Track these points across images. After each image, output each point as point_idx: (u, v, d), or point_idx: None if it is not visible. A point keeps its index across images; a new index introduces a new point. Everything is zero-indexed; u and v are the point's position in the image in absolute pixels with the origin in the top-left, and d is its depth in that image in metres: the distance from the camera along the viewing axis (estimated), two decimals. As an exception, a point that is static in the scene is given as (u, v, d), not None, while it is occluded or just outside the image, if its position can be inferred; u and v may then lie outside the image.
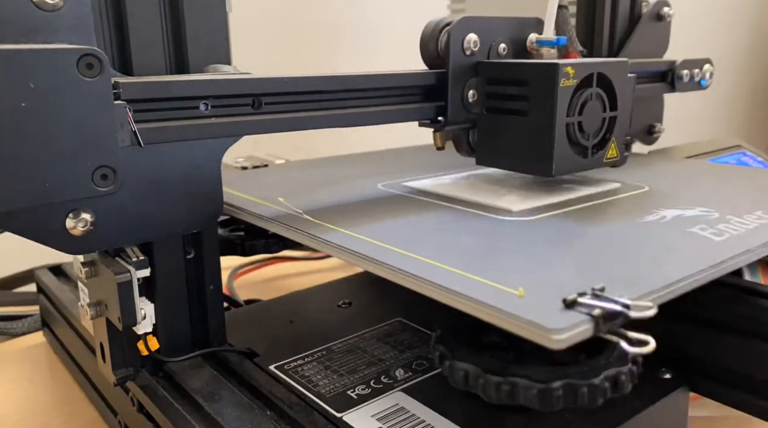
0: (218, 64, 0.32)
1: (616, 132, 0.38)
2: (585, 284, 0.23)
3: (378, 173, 0.45)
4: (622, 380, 0.24)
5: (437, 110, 0.38)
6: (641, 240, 0.30)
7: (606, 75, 0.36)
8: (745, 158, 0.60)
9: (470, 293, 0.23)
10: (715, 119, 1.43)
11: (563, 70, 0.34)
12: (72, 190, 0.26)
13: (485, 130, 0.38)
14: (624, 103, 0.38)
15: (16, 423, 0.40)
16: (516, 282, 0.23)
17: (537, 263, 0.27)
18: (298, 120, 0.33)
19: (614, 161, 0.39)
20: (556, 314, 0.21)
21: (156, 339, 0.33)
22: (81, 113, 0.25)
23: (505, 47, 0.38)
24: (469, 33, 0.37)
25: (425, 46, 0.38)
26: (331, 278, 0.49)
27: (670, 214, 0.34)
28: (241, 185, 0.42)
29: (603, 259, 0.27)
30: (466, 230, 0.32)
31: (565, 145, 0.35)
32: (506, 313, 0.21)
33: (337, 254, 0.29)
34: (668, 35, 0.56)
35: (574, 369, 0.24)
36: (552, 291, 0.23)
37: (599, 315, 0.21)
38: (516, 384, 0.23)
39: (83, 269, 0.32)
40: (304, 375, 0.33)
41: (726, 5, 1.38)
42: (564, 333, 0.20)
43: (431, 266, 0.26)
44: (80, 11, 0.26)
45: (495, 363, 0.24)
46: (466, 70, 0.37)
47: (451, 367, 0.25)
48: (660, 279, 0.24)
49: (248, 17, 0.74)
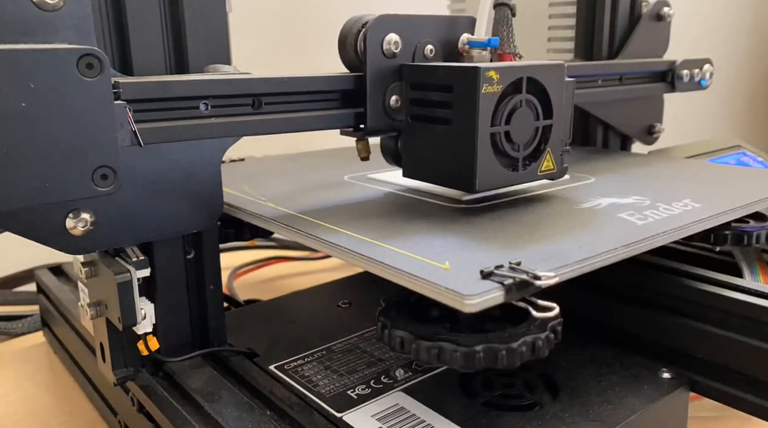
0: (218, 64, 0.32)
1: (552, 142, 0.34)
2: (507, 260, 0.25)
3: (345, 167, 0.46)
4: (539, 345, 0.26)
5: (357, 117, 0.35)
6: (570, 224, 0.31)
7: (538, 80, 0.33)
8: (745, 158, 0.60)
9: (403, 267, 0.25)
10: (715, 119, 1.43)
11: (485, 75, 0.31)
12: (72, 190, 0.26)
13: (410, 139, 0.35)
14: (561, 111, 0.34)
15: (16, 423, 0.40)
16: (446, 259, 0.26)
17: (470, 243, 0.29)
18: (299, 120, 0.33)
19: (550, 174, 0.35)
20: (472, 283, 0.23)
21: (156, 339, 0.33)
22: (81, 112, 0.25)
23: (432, 49, 0.35)
24: (389, 33, 0.34)
25: (343, 46, 0.35)
26: (331, 278, 0.49)
27: (606, 201, 0.35)
28: None
29: (530, 239, 0.29)
30: (416, 215, 0.33)
31: (490, 157, 0.32)
32: (429, 282, 0.24)
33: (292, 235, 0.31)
34: (668, 35, 0.56)
35: (496, 335, 0.26)
36: (475, 266, 0.25)
37: (510, 284, 0.23)
38: (443, 348, 0.25)
39: (83, 269, 0.32)
40: (304, 375, 0.33)
41: (726, 5, 1.38)
42: (476, 298, 0.22)
43: (377, 246, 0.28)
44: (80, 11, 0.26)
45: (427, 330, 0.26)
46: (387, 73, 0.34)
47: (389, 335, 0.27)
48: (574, 256, 0.26)
49: (248, 17, 0.74)
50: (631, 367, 0.33)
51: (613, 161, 0.49)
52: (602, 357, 0.34)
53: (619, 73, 0.51)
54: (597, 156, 0.51)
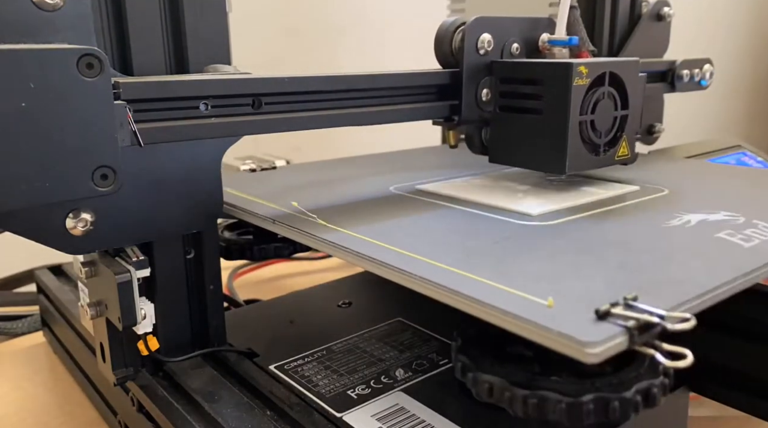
0: (218, 64, 0.32)
1: (627, 130, 0.38)
2: (615, 293, 0.22)
3: (387, 175, 0.45)
4: (654, 393, 0.23)
5: (451, 109, 0.38)
6: (668, 246, 0.29)
7: (618, 74, 0.37)
8: (745, 158, 0.60)
9: (498, 304, 0.22)
10: (715, 119, 1.43)
11: (577, 70, 0.34)
12: (72, 190, 0.26)
13: (498, 128, 0.39)
14: (635, 102, 0.38)
15: (16, 423, 0.40)
16: (543, 291, 0.23)
17: (563, 271, 0.26)
18: (298, 120, 0.33)
19: (625, 159, 0.39)
20: (589, 326, 0.20)
21: (156, 339, 0.33)
22: (81, 112, 0.25)
23: (518, 47, 0.39)
24: (483, 33, 0.37)
25: (439, 45, 0.38)
26: (331, 278, 0.49)
27: (694, 218, 0.33)
28: (251, 188, 0.40)
29: (631, 266, 0.26)
30: (487, 235, 0.30)
31: (578, 143, 0.36)
32: (536, 325, 0.21)
33: (360, 263, 0.28)
34: (668, 35, 0.56)
35: (603, 381, 0.23)
36: (582, 301, 0.22)
37: (634, 327, 0.20)
38: (544, 397, 0.22)
39: (83, 269, 0.32)
40: (304, 375, 0.33)
41: (726, 5, 1.38)
42: (598, 347, 0.19)
43: (455, 275, 0.25)
44: (80, 11, 0.26)
45: (521, 375, 0.23)
46: (480, 69, 0.38)
47: (474, 379, 0.24)
48: (693, 288, 0.23)
49: (248, 17, 0.74)
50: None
51: (663, 166, 0.47)
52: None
53: (619, 73, 0.51)
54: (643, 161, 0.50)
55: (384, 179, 0.43)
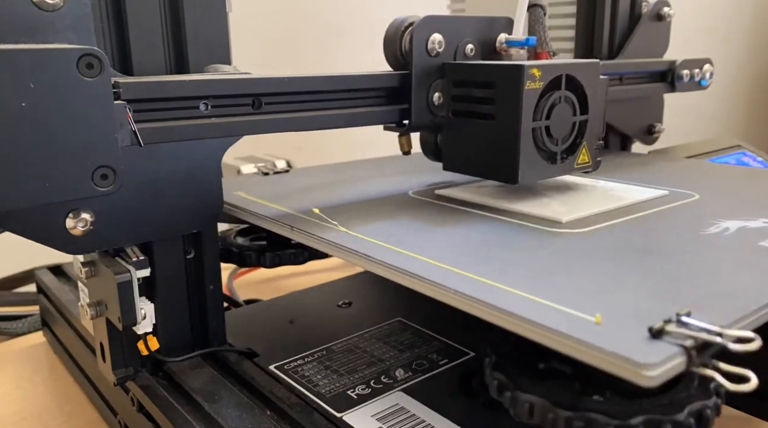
0: (218, 64, 0.32)
1: (587, 137, 0.36)
2: (665, 308, 0.21)
3: (401, 180, 0.43)
4: (707, 415, 0.21)
5: (401, 113, 0.36)
6: (711, 256, 0.27)
7: (575, 77, 0.35)
8: (745, 158, 0.60)
9: (543, 321, 0.21)
10: (715, 119, 1.43)
11: (528, 72, 0.32)
12: (72, 190, 0.26)
13: (451, 134, 0.37)
14: (595, 107, 0.36)
15: (16, 423, 0.40)
16: (587, 306, 0.22)
17: (605, 283, 0.24)
18: (298, 120, 0.33)
19: (585, 167, 0.37)
20: (644, 346, 0.19)
21: (156, 339, 0.33)
22: (81, 112, 0.25)
23: (472, 48, 0.37)
24: (434, 33, 0.35)
25: (388, 46, 0.36)
26: (331, 278, 0.49)
27: (732, 226, 0.31)
28: (264, 193, 0.40)
29: (676, 278, 0.25)
30: (518, 245, 0.29)
31: (531, 151, 0.34)
32: (587, 344, 0.19)
33: (387, 273, 0.27)
34: (668, 35, 0.56)
35: (653, 402, 0.21)
36: (631, 317, 0.21)
37: (692, 347, 0.19)
38: (592, 420, 0.21)
39: (83, 269, 0.32)
40: (304, 375, 0.33)
41: (725, 5, 1.38)
42: (657, 369, 0.18)
43: (492, 288, 0.24)
44: (80, 11, 0.26)
45: (564, 395, 0.22)
46: (431, 71, 0.36)
47: (513, 399, 0.23)
48: (748, 302, 0.22)
49: (248, 17, 0.74)
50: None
51: (683, 168, 0.46)
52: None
53: (619, 73, 0.51)
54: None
55: (399, 185, 0.42)
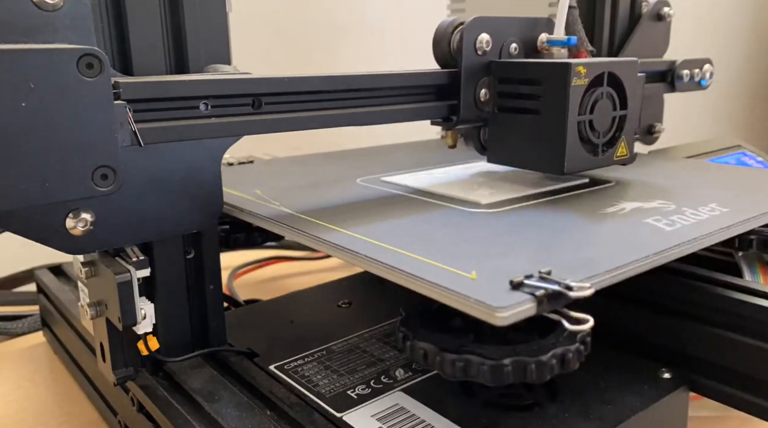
0: (218, 64, 0.32)
1: (626, 130, 0.39)
2: (535, 268, 0.24)
3: (359, 169, 0.46)
4: (569, 358, 0.25)
5: (449, 109, 0.38)
6: (596, 230, 0.31)
7: (616, 74, 0.37)
8: (745, 158, 0.60)
9: (428, 277, 0.24)
10: (715, 119, 1.43)
11: (575, 70, 0.34)
12: (72, 190, 0.26)
13: (497, 128, 0.39)
14: (634, 102, 0.38)
15: (16, 423, 0.40)
16: (472, 267, 0.25)
17: (494, 250, 0.28)
18: (298, 120, 0.33)
19: (624, 159, 0.39)
20: (502, 294, 0.23)
21: (156, 339, 0.33)
22: (81, 112, 0.25)
23: (516, 47, 0.39)
24: (482, 33, 0.37)
25: (438, 45, 0.39)
26: (331, 278, 0.49)
27: (630, 206, 0.35)
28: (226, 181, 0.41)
29: (556, 247, 0.28)
30: (436, 221, 0.33)
31: (576, 143, 0.36)
32: (457, 293, 0.23)
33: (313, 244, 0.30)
34: (668, 35, 0.56)
35: (524, 347, 0.25)
36: (502, 275, 0.24)
37: (542, 295, 0.22)
38: (469, 361, 0.25)
39: (83, 269, 0.32)
40: (304, 375, 0.33)
41: (726, 5, 1.38)
42: (507, 311, 0.22)
43: (399, 255, 0.27)
44: (80, 11, 0.26)
45: (451, 342, 0.26)
46: (478, 69, 0.38)
47: (411, 346, 0.26)
48: (605, 264, 0.25)
49: (248, 17, 0.74)
50: (631, 367, 0.33)
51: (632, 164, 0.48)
52: (602, 357, 0.34)
53: (619, 73, 0.51)
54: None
55: (353, 173, 0.45)
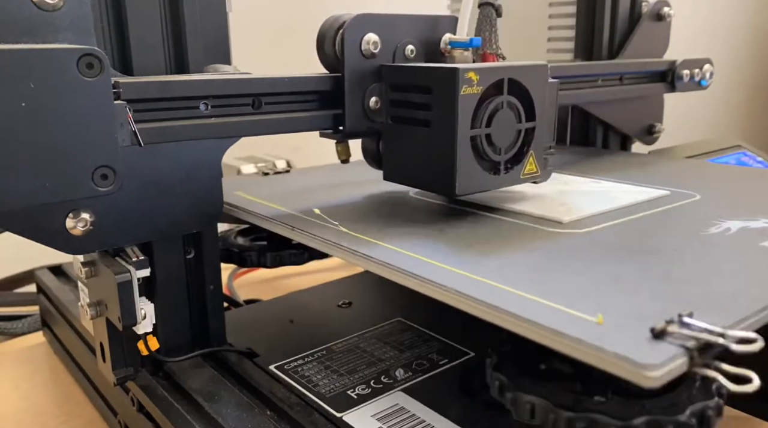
0: (218, 64, 0.32)
1: (535, 145, 0.34)
2: (666, 308, 0.21)
3: None
4: (709, 415, 0.21)
5: (335, 119, 0.34)
6: (712, 256, 0.27)
7: (519, 81, 0.32)
8: (745, 158, 0.60)
9: (544, 322, 0.21)
10: (715, 119, 1.43)
11: (464, 76, 0.30)
12: (72, 190, 0.26)
13: (390, 141, 0.34)
14: (544, 112, 0.34)
15: (16, 423, 0.40)
16: (588, 306, 0.22)
17: (605, 283, 0.24)
18: (299, 120, 0.33)
19: (533, 177, 0.34)
20: (646, 347, 0.19)
21: (156, 339, 0.33)
22: (81, 112, 0.25)
23: (413, 49, 0.34)
24: (368, 33, 0.33)
25: (321, 46, 0.34)
26: (331, 278, 0.49)
27: (734, 226, 0.31)
28: (264, 193, 0.40)
29: (677, 278, 0.25)
30: (520, 245, 0.29)
31: (470, 160, 0.31)
32: (589, 345, 0.19)
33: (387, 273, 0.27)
34: (668, 35, 0.56)
35: (655, 403, 0.21)
36: (633, 318, 0.21)
37: (694, 347, 0.19)
38: (595, 421, 0.21)
39: (83, 269, 0.32)
40: (304, 375, 0.33)
41: (726, 5, 1.38)
42: (659, 370, 0.18)
43: (492, 288, 0.24)
44: (80, 11, 0.26)
45: (565, 396, 0.22)
46: (366, 74, 0.34)
47: (514, 399, 0.23)
48: (750, 302, 0.22)
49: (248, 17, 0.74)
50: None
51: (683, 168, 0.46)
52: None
53: (619, 73, 0.51)
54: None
55: None
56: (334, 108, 0.34)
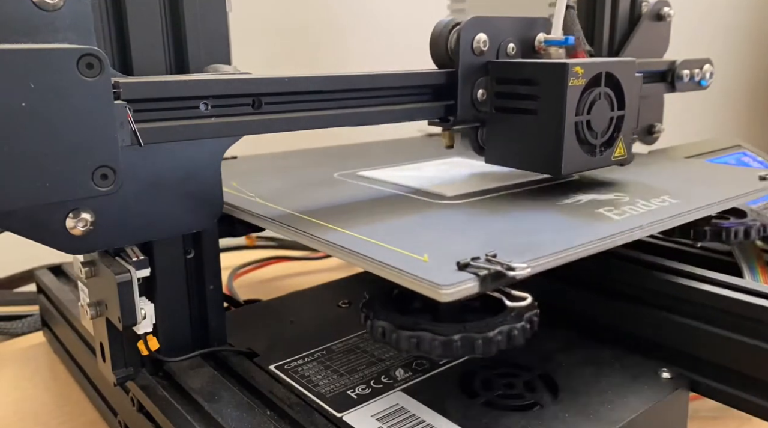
0: (218, 64, 0.32)
1: (624, 131, 0.38)
2: (484, 252, 0.25)
3: (338, 164, 0.47)
4: (514, 334, 0.27)
5: (447, 109, 0.38)
6: (548, 219, 0.32)
7: (614, 74, 0.37)
8: (745, 158, 0.60)
9: (385, 260, 0.26)
10: (715, 119, 1.43)
11: (572, 70, 0.34)
12: (72, 190, 0.26)
13: (494, 129, 0.39)
14: (631, 103, 0.38)
15: (16, 423, 0.40)
16: (426, 251, 0.26)
17: (450, 237, 0.30)
18: (298, 120, 0.33)
19: (622, 160, 0.39)
20: (448, 274, 0.24)
21: (156, 339, 0.33)
22: (81, 112, 0.25)
23: (513, 47, 0.39)
24: (479, 33, 0.37)
25: (435, 45, 0.38)
26: (331, 278, 0.49)
27: (586, 198, 0.36)
28: None
29: (508, 234, 0.30)
30: (400, 211, 0.34)
31: (573, 144, 0.36)
32: (408, 273, 0.24)
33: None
34: (668, 35, 0.56)
35: (473, 324, 0.27)
36: (452, 258, 0.25)
37: (485, 275, 0.24)
38: (422, 337, 0.26)
39: (83, 269, 0.32)
40: (304, 375, 0.33)
41: (726, 5, 1.38)
42: (451, 288, 0.23)
43: (362, 241, 0.28)
44: (80, 11, 0.26)
45: (407, 321, 0.27)
46: (475, 69, 0.38)
47: (371, 325, 0.28)
48: (549, 248, 0.27)
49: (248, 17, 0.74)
50: (631, 367, 0.33)
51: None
52: (602, 357, 0.34)
53: (619, 73, 0.51)
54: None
55: (332, 168, 0.46)
56: (446, 100, 0.38)
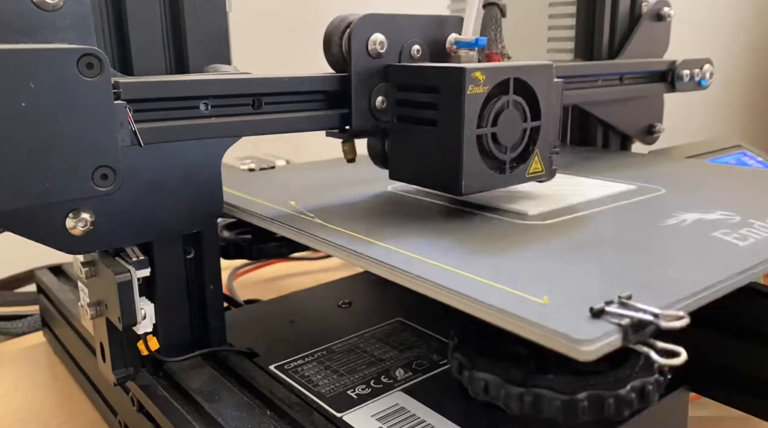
0: (218, 64, 0.32)
1: (540, 144, 0.34)
2: (610, 292, 0.22)
3: (383, 175, 0.44)
4: (648, 390, 0.23)
5: (342, 118, 0.34)
6: (664, 245, 0.29)
7: (525, 80, 0.32)
8: (745, 158, 0.60)
9: (492, 302, 0.22)
10: (715, 119, 1.43)
11: (471, 76, 0.30)
12: (72, 190, 0.26)
13: (396, 141, 0.35)
14: (549, 112, 0.34)
15: (16, 423, 0.40)
16: (538, 290, 0.23)
17: (559, 269, 0.26)
18: (298, 120, 0.33)
19: (538, 176, 0.35)
20: (583, 324, 0.20)
21: (156, 339, 0.33)
22: (81, 112, 0.25)
23: (419, 49, 0.35)
24: (375, 33, 0.33)
25: (328, 46, 0.34)
26: (331, 278, 0.49)
27: (690, 217, 0.33)
28: (249, 188, 0.41)
29: (626, 265, 0.26)
30: (483, 235, 0.31)
31: (476, 159, 0.32)
32: (530, 322, 0.21)
33: (359, 263, 0.28)
34: (668, 35, 0.56)
35: (598, 379, 0.23)
36: (577, 299, 0.22)
37: (628, 325, 0.20)
38: (539, 395, 0.23)
39: (83, 269, 0.32)
40: (304, 375, 0.33)
41: (726, 5, 1.38)
42: (593, 344, 0.20)
43: (452, 274, 0.25)
44: (80, 11, 0.26)
45: (516, 373, 0.23)
46: (372, 74, 0.34)
47: (470, 377, 0.24)
48: (688, 287, 0.23)
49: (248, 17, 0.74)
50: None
51: (662, 166, 0.47)
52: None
53: (619, 73, 0.51)
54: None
55: (380, 180, 0.41)
56: (340, 108, 0.34)
